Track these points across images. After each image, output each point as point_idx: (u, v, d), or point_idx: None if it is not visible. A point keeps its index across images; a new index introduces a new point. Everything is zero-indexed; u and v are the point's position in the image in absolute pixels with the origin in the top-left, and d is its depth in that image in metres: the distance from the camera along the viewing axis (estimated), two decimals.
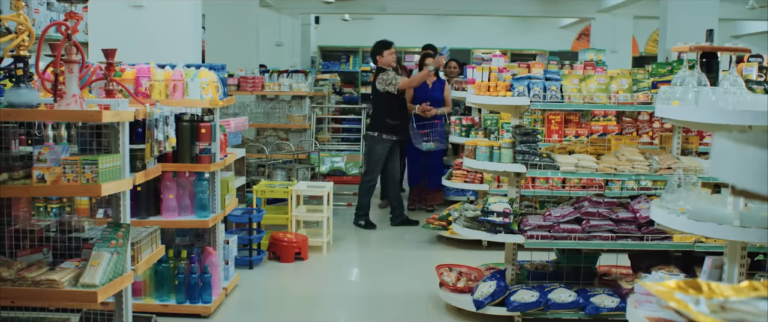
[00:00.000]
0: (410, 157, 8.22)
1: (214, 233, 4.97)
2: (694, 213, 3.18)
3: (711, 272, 3.33)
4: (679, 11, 9.87)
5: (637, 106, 4.78)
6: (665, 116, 3.55)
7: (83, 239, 3.59)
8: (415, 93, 7.96)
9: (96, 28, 5.90)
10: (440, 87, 8.06)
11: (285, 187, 6.77)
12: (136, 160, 3.74)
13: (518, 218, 4.68)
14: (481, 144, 4.76)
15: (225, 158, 4.98)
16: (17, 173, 3.32)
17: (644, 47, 19.23)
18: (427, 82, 8.01)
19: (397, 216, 7.64)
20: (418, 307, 5.10)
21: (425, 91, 7.96)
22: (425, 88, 7.99)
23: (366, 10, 16.13)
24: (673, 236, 4.45)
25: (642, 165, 4.41)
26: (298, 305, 5.22)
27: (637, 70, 5.95)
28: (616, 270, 5.03)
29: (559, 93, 4.61)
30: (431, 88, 8.03)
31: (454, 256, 6.22)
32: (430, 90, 8.00)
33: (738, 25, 16.74)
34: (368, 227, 7.46)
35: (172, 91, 4.58)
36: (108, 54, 3.68)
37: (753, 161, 1.22)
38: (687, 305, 1.34)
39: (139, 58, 4.99)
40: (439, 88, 8.06)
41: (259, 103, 8.94)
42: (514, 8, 15.18)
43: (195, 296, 4.71)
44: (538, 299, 4.51)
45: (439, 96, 7.98)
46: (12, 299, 3.31)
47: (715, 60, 3.89)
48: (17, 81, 3.25)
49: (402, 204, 7.73)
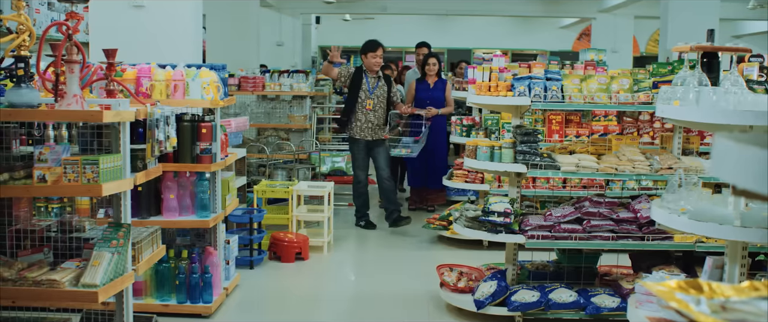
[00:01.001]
0: (410, 158, 8.12)
1: (214, 233, 4.97)
2: (695, 213, 3.18)
3: (712, 272, 3.33)
4: (680, 11, 9.87)
5: (637, 106, 4.77)
6: (666, 116, 3.55)
7: (84, 239, 3.59)
8: (417, 93, 7.95)
9: (97, 28, 5.90)
10: (442, 87, 8.00)
11: (286, 187, 6.77)
12: (136, 160, 3.74)
13: (519, 218, 4.68)
14: (482, 144, 4.76)
15: (226, 158, 4.98)
16: (18, 172, 3.32)
17: (645, 47, 19.24)
18: (430, 82, 8.00)
19: (390, 215, 7.40)
20: (419, 307, 5.10)
21: (427, 91, 7.96)
22: (427, 87, 7.99)
23: (367, 10, 16.14)
24: (674, 236, 4.45)
25: (643, 165, 4.41)
26: (299, 305, 5.22)
27: (638, 70, 5.94)
28: (617, 270, 5.03)
29: (560, 93, 4.60)
30: (433, 87, 8.00)
31: (455, 256, 6.22)
32: (431, 90, 7.98)
33: (739, 25, 16.75)
34: (368, 227, 7.45)
35: (172, 91, 4.58)
36: (109, 54, 3.68)
37: (754, 161, 1.22)
38: (688, 305, 1.34)
39: (140, 58, 4.99)
40: (441, 88, 8.00)
41: (260, 103, 8.95)
42: (515, 8, 15.19)
43: (196, 296, 4.71)
44: (539, 299, 4.51)
45: (440, 96, 7.94)
46: (13, 299, 3.31)
47: (716, 60, 3.89)
48: (18, 81, 3.26)
49: (393, 202, 7.45)
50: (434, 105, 7.74)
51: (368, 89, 7.27)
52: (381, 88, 7.34)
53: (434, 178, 8.08)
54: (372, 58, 7.26)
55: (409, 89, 8.14)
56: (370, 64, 7.28)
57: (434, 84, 8.02)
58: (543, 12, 15.28)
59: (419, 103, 7.82)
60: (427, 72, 8.05)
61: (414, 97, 7.94)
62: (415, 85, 8.08)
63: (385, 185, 7.44)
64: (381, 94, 7.34)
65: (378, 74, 7.37)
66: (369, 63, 7.28)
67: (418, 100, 7.88)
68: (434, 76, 8.05)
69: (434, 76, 8.05)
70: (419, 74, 8.29)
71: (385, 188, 7.44)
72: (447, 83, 8.07)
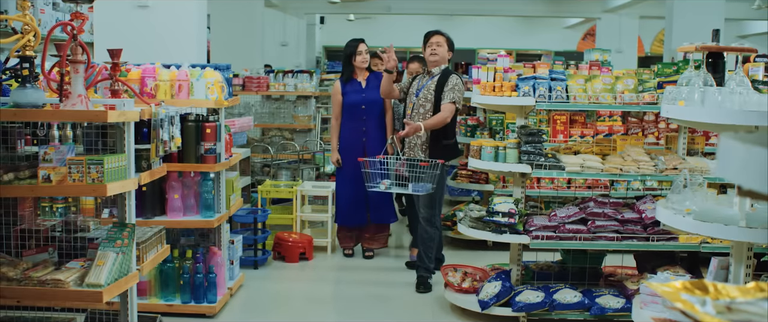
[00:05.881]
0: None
1: (219, 233, 4.97)
2: (700, 214, 3.17)
3: (717, 273, 3.32)
4: (685, 11, 9.85)
5: (642, 107, 4.76)
6: (671, 117, 3.54)
7: (88, 239, 3.60)
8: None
9: (101, 29, 5.92)
10: (376, 85, 6.06)
11: (290, 187, 6.78)
12: (141, 160, 3.74)
13: (523, 218, 4.67)
14: (486, 144, 4.76)
15: (230, 158, 4.99)
16: (23, 172, 3.33)
17: (650, 47, 19.21)
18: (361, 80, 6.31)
19: (416, 270, 5.54)
20: (423, 307, 5.10)
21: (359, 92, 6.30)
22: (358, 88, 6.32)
23: (371, 11, 16.16)
24: (679, 236, 4.44)
25: (647, 165, 4.40)
26: (303, 305, 5.23)
27: (643, 71, 5.93)
28: (622, 271, 5.02)
29: (565, 93, 4.60)
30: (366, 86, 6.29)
31: (459, 256, 6.22)
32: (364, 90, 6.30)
33: (744, 25, 16.70)
34: (425, 289, 5.46)
35: (177, 91, 4.58)
36: (113, 54, 3.68)
37: (759, 161, 1.21)
38: (693, 306, 1.34)
39: (145, 58, 5.01)
40: (375, 86, 6.12)
41: (264, 104, 8.95)
42: (520, 8, 15.19)
43: (200, 296, 4.71)
44: (544, 300, 4.51)
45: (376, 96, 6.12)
46: (18, 299, 3.32)
47: (721, 60, 3.87)
48: (23, 81, 3.26)
49: (428, 256, 5.46)
50: (370, 109, 6.20)
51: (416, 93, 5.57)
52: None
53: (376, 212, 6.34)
54: (357, 58, 6.22)
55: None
56: (356, 63, 6.22)
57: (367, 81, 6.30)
58: (548, 12, 15.27)
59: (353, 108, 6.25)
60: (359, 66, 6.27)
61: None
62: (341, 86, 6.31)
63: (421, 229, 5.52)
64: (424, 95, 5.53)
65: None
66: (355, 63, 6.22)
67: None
68: (366, 70, 6.32)
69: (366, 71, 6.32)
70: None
71: (420, 233, 5.54)
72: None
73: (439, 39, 5.51)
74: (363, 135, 6.20)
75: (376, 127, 6.21)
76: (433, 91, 5.39)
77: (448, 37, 5.58)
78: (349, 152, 6.18)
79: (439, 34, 5.55)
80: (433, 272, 5.48)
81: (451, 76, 5.39)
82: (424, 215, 5.38)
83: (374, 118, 6.21)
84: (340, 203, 6.33)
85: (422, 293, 5.36)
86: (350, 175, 6.17)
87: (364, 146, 6.13)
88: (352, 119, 6.23)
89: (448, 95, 5.33)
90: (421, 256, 5.44)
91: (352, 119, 6.23)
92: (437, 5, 14.98)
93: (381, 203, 6.21)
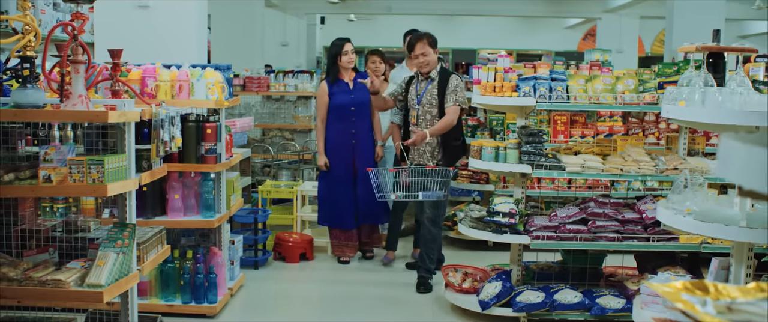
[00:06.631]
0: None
1: (219, 233, 4.97)
2: (701, 214, 3.17)
3: (718, 273, 3.32)
4: (686, 11, 9.84)
5: (643, 107, 4.76)
6: (672, 117, 3.54)
7: (89, 239, 3.60)
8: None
9: (102, 29, 5.92)
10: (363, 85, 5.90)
11: (290, 187, 6.78)
12: (141, 160, 3.74)
13: (524, 218, 4.67)
14: (486, 144, 4.76)
15: (230, 159, 4.99)
16: (23, 173, 3.33)
17: (650, 47, 19.20)
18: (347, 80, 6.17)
19: (417, 270, 5.53)
20: (424, 307, 5.10)
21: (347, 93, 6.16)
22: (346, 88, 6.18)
23: (371, 11, 16.16)
24: (680, 236, 4.44)
25: (648, 166, 4.40)
26: (304, 306, 5.23)
27: (644, 71, 5.92)
28: (622, 271, 5.02)
29: (565, 93, 4.60)
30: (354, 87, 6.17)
31: (460, 256, 6.22)
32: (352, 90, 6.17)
33: (744, 25, 16.70)
34: (425, 290, 5.45)
35: (177, 92, 4.58)
36: (114, 54, 3.69)
37: (760, 161, 1.21)
38: (694, 306, 1.34)
39: (145, 59, 5.01)
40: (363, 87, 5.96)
41: (265, 104, 8.95)
42: (520, 8, 15.18)
43: (200, 297, 4.71)
44: (544, 300, 4.51)
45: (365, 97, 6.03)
46: (18, 299, 3.32)
47: (721, 60, 3.87)
48: (24, 81, 3.27)
49: (430, 257, 5.46)
50: (359, 110, 6.10)
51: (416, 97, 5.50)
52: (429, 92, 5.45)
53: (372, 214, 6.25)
54: (343, 57, 6.08)
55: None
56: (342, 64, 6.11)
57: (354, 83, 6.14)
58: (548, 12, 15.27)
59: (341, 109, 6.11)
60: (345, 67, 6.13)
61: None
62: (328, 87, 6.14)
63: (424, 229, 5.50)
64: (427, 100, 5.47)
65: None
66: (341, 64, 6.11)
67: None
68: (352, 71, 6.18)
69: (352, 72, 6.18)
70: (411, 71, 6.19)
71: (423, 233, 5.51)
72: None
73: (422, 46, 5.35)
74: (353, 137, 6.08)
75: (365, 128, 6.11)
76: (437, 96, 5.36)
77: (428, 36, 5.44)
78: (338, 154, 6.07)
79: (420, 40, 5.38)
80: (433, 273, 5.48)
81: (451, 77, 5.36)
82: (429, 215, 5.35)
83: (364, 120, 6.09)
84: (325, 205, 6.19)
85: (423, 293, 5.36)
86: (339, 177, 6.08)
87: (354, 148, 6.06)
88: (340, 121, 6.08)
89: (450, 98, 5.30)
90: (423, 256, 5.42)
91: (341, 121, 6.08)
92: (437, 5, 14.98)
93: (373, 203, 5.97)
